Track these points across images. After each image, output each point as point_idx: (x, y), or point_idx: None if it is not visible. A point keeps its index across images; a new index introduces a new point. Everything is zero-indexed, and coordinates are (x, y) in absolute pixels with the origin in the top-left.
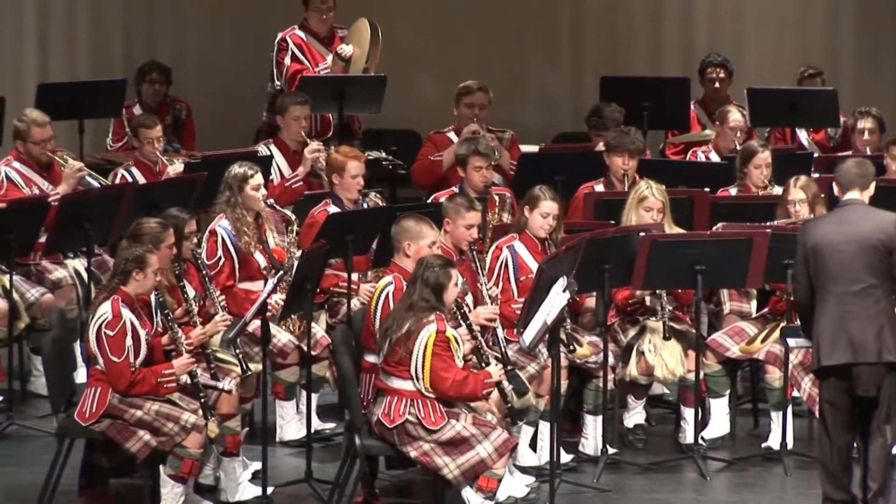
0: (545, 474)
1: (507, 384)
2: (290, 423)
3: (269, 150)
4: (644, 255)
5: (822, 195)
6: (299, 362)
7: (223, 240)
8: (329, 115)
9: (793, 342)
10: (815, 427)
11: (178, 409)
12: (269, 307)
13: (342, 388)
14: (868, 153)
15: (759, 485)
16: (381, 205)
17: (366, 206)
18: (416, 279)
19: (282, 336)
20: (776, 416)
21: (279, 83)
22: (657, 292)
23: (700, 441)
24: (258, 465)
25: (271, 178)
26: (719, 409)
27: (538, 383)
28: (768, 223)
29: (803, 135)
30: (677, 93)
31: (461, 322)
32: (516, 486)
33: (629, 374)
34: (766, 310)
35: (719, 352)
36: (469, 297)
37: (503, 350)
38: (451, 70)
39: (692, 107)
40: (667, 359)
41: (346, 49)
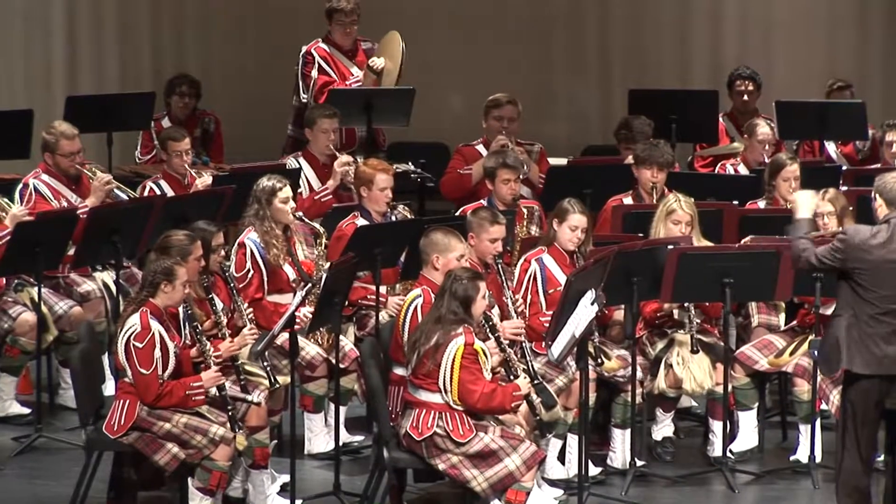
0: (573, 487)
1: (535, 397)
2: (319, 435)
3: (298, 163)
4: (672, 268)
5: (851, 208)
6: (328, 375)
7: (252, 252)
8: (354, 128)
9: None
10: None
11: (207, 421)
12: (298, 320)
13: (370, 400)
14: None
15: (787, 498)
16: (409, 217)
17: (394, 218)
18: (445, 292)
19: (310, 349)
20: (804, 429)
21: (305, 96)
22: (685, 305)
23: (728, 454)
24: (286, 478)
25: (300, 190)
26: (748, 422)
27: (566, 396)
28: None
29: (832, 147)
30: (706, 105)
31: (489, 334)
32: (544, 498)
33: (657, 387)
34: (794, 322)
35: (748, 364)
36: (495, 310)
37: (531, 363)
38: (480, 83)
39: (721, 119)
40: (695, 372)
41: (378, 62)
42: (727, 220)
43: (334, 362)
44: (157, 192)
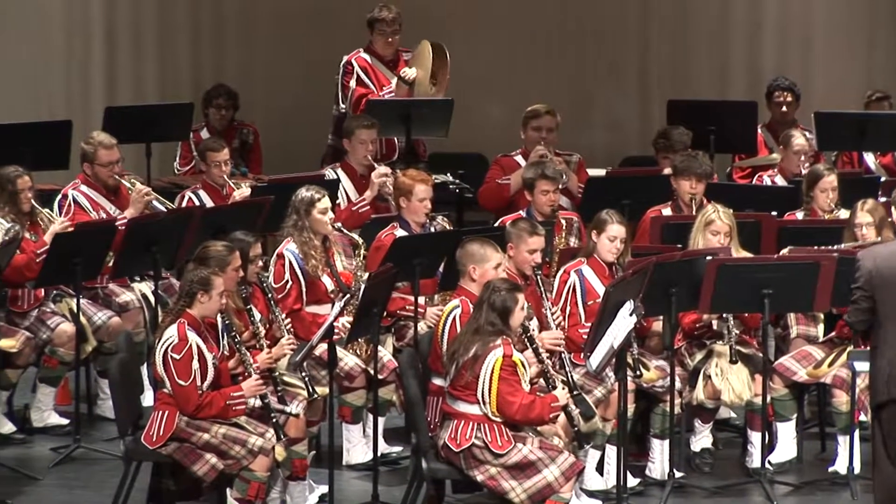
0: (612, 498)
1: (573, 408)
2: (357, 446)
3: (336, 174)
4: (711, 279)
5: (890, 219)
6: (366, 386)
7: (290, 263)
8: (394, 139)
9: (859, 366)
10: None
11: (245, 432)
12: (336, 330)
13: (409, 411)
14: None
15: None
16: (447, 228)
17: (433, 229)
18: (483, 303)
19: (348, 359)
20: (843, 441)
21: (344, 106)
22: (724, 316)
23: (767, 465)
24: (325, 489)
25: (338, 201)
26: (786, 433)
27: (605, 407)
28: (835, 247)
29: (870, 158)
30: (744, 116)
31: (528, 345)
32: None
33: (696, 397)
34: (833, 334)
35: (786, 376)
36: (534, 322)
37: (570, 373)
38: (519, 93)
39: (759, 130)
40: (734, 383)
41: (410, 72)
42: (766, 230)
43: (373, 373)
44: (196, 203)
